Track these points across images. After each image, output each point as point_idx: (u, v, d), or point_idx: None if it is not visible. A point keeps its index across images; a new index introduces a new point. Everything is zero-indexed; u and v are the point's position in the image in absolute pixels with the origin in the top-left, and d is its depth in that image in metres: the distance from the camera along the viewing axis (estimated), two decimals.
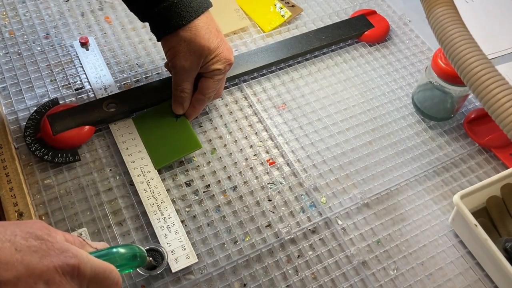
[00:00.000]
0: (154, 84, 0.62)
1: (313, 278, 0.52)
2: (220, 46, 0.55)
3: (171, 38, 0.53)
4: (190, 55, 0.53)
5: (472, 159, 0.62)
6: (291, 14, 0.74)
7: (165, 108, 0.60)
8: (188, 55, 0.53)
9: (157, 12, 0.52)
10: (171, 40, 0.53)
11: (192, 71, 0.55)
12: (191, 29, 0.53)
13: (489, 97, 0.40)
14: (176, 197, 0.55)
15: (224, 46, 0.55)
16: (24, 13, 0.70)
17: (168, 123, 0.59)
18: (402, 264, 0.53)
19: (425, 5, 0.45)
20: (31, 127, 0.57)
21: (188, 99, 0.58)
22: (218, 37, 0.55)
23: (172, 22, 0.52)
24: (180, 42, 0.53)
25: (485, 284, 0.53)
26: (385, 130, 0.64)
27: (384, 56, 0.72)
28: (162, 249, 0.50)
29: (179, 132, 0.59)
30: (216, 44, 0.54)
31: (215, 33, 0.54)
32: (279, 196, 0.57)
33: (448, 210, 0.58)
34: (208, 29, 0.53)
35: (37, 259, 0.33)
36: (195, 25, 0.53)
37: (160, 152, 0.57)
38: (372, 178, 0.59)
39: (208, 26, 0.54)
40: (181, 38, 0.53)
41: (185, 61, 0.54)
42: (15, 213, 0.51)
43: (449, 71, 0.57)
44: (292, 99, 0.65)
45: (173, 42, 0.53)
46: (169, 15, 0.52)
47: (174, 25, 0.52)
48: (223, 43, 0.55)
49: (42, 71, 0.64)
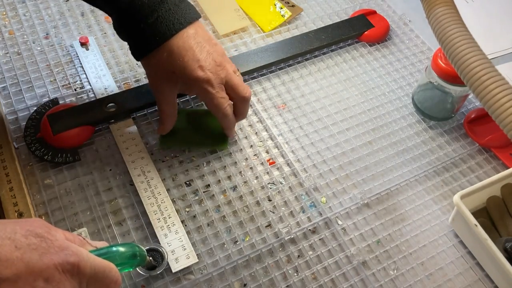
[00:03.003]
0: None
1: (313, 278, 0.52)
2: (188, 67, 0.51)
3: (147, 59, 0.52)
4: (163, 78, 0.52)
5: (472, 159, 0.62)
6: (291, 14, 0.74)
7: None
8: (161, 78, 0.52)
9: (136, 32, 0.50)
10: (145, 61, 0.52)
11: (167, 94, 0.53)
12: (163, 51, 0.50)
13: (489, 97, 0.40)
14: (176, 197, 0.55)
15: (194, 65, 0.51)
16: (24, 13, 0.70)
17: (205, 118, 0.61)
18: (402, 264, 0.53)
19: (425, 5, 0.45)
20: (31, 127, 0.57)
21: (168, 120, 0.56)
22: (184, 58, 0.50)
23: (148, 43, 0.50)
24: (151, 65, 0.52)
25: (485, 284, 0.53)
26: (385, 130, 0.64)
27: (384, 56, 0.72)
28: (162, 249, 0.50)
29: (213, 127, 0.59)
30: (179, 69, 0.51)
31: (181, 54, 0.50)
32: (279, 196, 0.57)
33: (448, 210, 0.58)
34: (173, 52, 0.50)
35: (37, 257, 0.33)
36: (168, 47, 0.50)
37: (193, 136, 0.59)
38: (372, 178, 0.59)
39: (183, 45, 0.50)
40: (152, 61, 0.51)
41: (159, 84, 0.53)
42: (15, 213, 0.51)
43: (449, 71, 0.57)
44: (292, 99, 0.65)
45: (147, 63, 0.52)
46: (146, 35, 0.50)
47: (149, 47, 0.50)
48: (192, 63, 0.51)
49: (42, 71, 0.64)
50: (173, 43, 0.50)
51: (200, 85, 0.52)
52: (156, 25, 0.49)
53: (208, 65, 0.52)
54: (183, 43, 0.50)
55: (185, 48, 0.50)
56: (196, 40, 0.51)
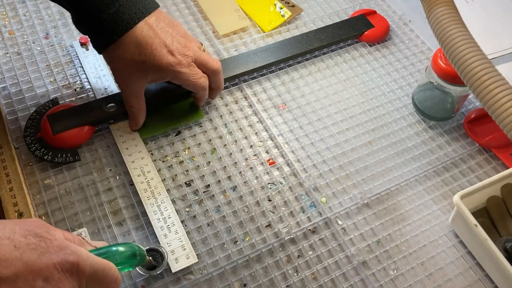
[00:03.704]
0: (154, 84, 0.62)
1: (313, 278, 0.52)
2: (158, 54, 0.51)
3: (111, 52, 0.51)
4: (132, 70, 0.52)
5: (472, 159, 0.62)
6: (291, 14, 0.74)
7: None
8: (129, 71, 0.52)
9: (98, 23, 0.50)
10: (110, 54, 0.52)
11: (137, 87, 0.54)
12: (119, 47, 0.50)
13: (489, 97, 0.40)
14: (176, 197, 0.55)
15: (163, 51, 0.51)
16: (24, 13, 0.70)
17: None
18: (402, 264, 0.53)
19: (425, 5, 0.45)
20: (31, 127, 0.57)
21: (140, 114, 0.56)
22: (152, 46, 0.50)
23: (111, 33, 0.50)
24: (117, 58, 0.51)
25: (485, 284, 0.53)
26: (385, 130, 0.64)
27: (384, 56, 0.72)
28: (162, 249, 0.50)
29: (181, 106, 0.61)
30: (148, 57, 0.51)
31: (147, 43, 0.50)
32: (279, 196, 0.57)
33: (448, 210, 0.58)
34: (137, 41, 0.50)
35: (36, 256, 0.33)
36: (133, 36, 0.50)
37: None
38: (372, 178, 0.59)
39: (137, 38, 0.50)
40: (118, 53, 0.51)
41: (127, 77, 0.53)
42: (15, 213, 0.51)
43: (449, 71, 0.57)
44: (292, 99, 0.65)
45: (112, 56, 0.52)
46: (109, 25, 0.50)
47: (113, 37, 0.50)
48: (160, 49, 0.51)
49: (42, 71, 0.64)
50: (137, 32, 0.50)
51: (173, 70, 0.52)
52: (118, 14, 0.49)
53: (175, 49, 0.52)
54: (147, 31, 0.51)
55: (151, 36, 0.51)
56: (159, 26, 0.52)
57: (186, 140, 0.60)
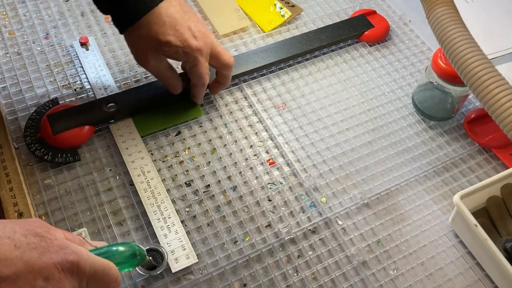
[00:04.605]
0: (154, 84, 0.62)
1: (313, 278, 0.52)
2: (181, 36, 0.51)
3: (129, 35, 0.52)
4: (149, 52, 0.52)
5: (472, 159, 0.62)
6: (291, 14, 0.74)
7: None
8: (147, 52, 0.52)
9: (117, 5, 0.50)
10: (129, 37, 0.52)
11: (162, 61, 0.54)
12: (143, 25, 0.50)
13: (489, 97, 0.40)
14: (176, 197, 0.55)
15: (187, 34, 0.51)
16: (24, 13, 0.70)
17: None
18: (402, 264, 0.53)
19: (425, 5, 0.45)
20: (31, 127, 0.57)
21: (175, 81, 0.57)
22: (176, 27, 0.51)
23: (136, 10, 0.50)
24: (140, 36, 0.51)
25: (485, 284, 0.53)
26: (385, 130, 0.64)
27: (384, 56, 0.72)
28: (162, 249, 0.50)
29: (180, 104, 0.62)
30: (173, 37, 0.51)
31: (172, 24, 0.51)
32: (279, 196, 0.57)
33: (448, 210, 0.58)
34: (162, 21, 0.50)
35: (36, 256, 0.33)
36: (147, 20, 0.50)
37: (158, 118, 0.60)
38: (372, 178, 0.59)
39: (162, 18, 0.50)
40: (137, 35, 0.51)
41: (148, 55, 0.53)
42: (15, 213, 0.51)
43: (449, 71, 0.57)
44: (292, 99, 0.65)
45: (133, 35, 0.52)
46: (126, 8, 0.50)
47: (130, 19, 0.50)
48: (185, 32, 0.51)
49: (42, 71, 0.64)
50: (162, 11, 0.50)
51: (191, 54, 0.53)
52: None
53: (198, 34, 0.53)
54: (172, 12, 0.51)
55: (175, 17, 0.51)
56: (183, 9, 0.52)
57: (186, 140, 0.60)
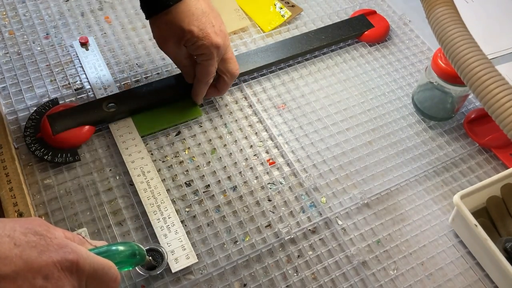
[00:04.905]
0: (154, 84, 0.62)
1: (313, 278, 0.52)
2: (204, 29, 0.52)
3: (155, 20, 0.53)
4: (171, 38, 0.53)
5: (472, 159, 0.62)
6: (291, 14, 0.74)
7: None
8: (169, 38, 0.53)
9: None
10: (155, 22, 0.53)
11: (177, 53, 0.55)
12: (171, 12, 0.51)
13: (489, 97, 0.40)
14: (176, 197, 0.55)
15: (210, 29, 0.53)
16: (24, 13, 0.70)
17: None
18: (402, 264, 0.53)
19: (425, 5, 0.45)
20: (31, 127, 0.57)
21: (190, 67, 0.58)
22: (201, 20, 0.52)
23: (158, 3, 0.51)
24: (166, 23, 0.52)
25: (485, 284, 0.53)
26: (385, 130, 0.64)
27: (384, 56, 0.72)
28: (162, 249, 0.50)
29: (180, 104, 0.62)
30: (197, 28, 0.52)
31: (198, 16, 0.52)
32: (279, 196, 0.57)
33: (448, 210, 0.58)
34: (190, 11, 0.52)
35: (36, 254, 0.33)
36: (175, 9, 0.51)
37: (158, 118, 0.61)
38: (372, 178, 0.59)
39: (190, 9, 0.52)
40: (163, 20, 0.52)
41: (172, 42, 0.54)
42: (15, 213, 0.51)
43: (449, 71, 0.57)
44: (292, 99, 0.65)
45: (160, 21, 0.53)
46: None
47: (160, 6, 0.51)
48: (209, 26, 0.53)
49: (42, 71, 0.64)
50: (191, 3, 0.52)
51: (209, 48, 0.53)
52: None
53: (219, 32, 0.54)
54: (200, 6, 0.52)
55: (203, 10, 0.53)
56: (210, 6, 0.54)
57: (186, 140, 0.60)
